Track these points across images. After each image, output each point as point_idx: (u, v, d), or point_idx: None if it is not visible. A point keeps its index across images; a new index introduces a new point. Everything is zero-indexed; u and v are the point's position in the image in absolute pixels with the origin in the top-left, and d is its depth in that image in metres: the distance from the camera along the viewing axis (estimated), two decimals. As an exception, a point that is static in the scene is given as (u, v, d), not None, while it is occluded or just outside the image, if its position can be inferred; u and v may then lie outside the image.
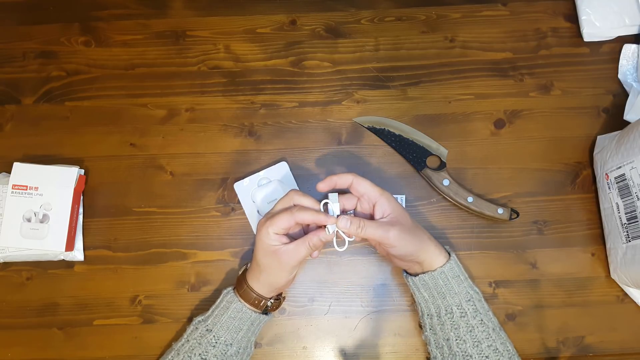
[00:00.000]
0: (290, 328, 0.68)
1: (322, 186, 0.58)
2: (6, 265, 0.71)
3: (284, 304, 0.69)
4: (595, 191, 0.71)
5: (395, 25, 0.76)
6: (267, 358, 0.68)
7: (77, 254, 0.71)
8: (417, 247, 0.58)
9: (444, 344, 0.58)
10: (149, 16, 0.77)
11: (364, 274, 0.70)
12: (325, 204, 0.57)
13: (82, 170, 0.73)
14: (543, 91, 0.74)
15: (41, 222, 0.69)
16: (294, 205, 0.57)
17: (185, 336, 0.61)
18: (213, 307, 0.61)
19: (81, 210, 0.73)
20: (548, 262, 0.70)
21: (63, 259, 0.71)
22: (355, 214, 0.60)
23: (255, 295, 0.60)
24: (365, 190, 0.58)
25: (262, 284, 0.60)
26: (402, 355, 0.67)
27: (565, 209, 0.71)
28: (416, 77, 0.75)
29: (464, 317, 0.57)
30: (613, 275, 0.68)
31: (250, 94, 0.74)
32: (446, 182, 0.69)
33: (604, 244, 0.70)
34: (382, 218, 0.57)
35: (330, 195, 0.57)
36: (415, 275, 0.60)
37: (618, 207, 0.66)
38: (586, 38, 0.75)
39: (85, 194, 0.73)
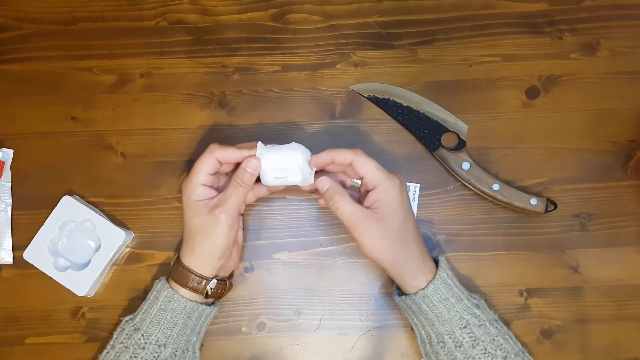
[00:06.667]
0: (272, 348, 0.63)
1: (316, 161, 0.56)
2: None
3: (263, 318, 0.63)
4: (653, 176, 0.65)
5: (402, -31, 0.70)
6: (243, 385, 0.63)
7: (5, 256, 0.64)
8: (387, 258, 0.56)
9: None
10: (95, -43, 0.70)
11: (363, 281, 0.64)
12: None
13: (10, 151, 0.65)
14: (587, 52, 0.68)
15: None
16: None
17: (111, 342, 0.56)
18: (144, 301, 0.58)
19: (9, 201, 0.65)
20: (593, 266, 0.64)
21: (-15, 262, 0.64)
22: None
23: (193, 275, 0.56)
24: (367, 173, 0.55)
25: (198, 256, 0.56)
26: (411, 382, 0.61)
27: (614, 199, 0.65)
28: (429, 34, 0.68)
29: (459, 347, 0.53)
30: (675, 282, 0.62)
31: (222, 55, 0.68)
32: (466, 166, 0.63)
33: (663, 242, 0.64)
34: (370, 207, 0.55)
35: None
36: (403, 294, 0.58)
37: (685, 197, 0.57)
38: (642, -16, 0.68)
39: (15, 180, 0.65)
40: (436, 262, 0.58)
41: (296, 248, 0.65)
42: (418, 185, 0.65)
